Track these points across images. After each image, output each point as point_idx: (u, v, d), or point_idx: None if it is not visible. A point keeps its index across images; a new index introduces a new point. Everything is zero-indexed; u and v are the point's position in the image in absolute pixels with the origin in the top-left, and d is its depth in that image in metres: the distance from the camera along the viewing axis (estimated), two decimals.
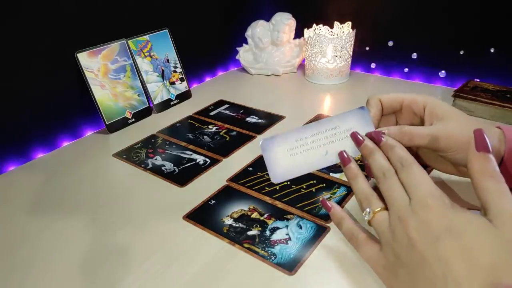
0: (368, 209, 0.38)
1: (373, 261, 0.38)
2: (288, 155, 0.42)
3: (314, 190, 0.56)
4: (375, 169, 0.39)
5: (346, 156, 0.41)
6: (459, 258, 0.29)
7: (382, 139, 0.40)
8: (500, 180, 0.32)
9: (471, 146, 0.34)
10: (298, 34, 1.01)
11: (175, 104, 0.86)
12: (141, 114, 0.81)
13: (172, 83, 0.87)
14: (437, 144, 0.41)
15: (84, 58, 0.72)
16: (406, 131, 0.41)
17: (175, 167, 0.63)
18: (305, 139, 0.42)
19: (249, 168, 0.62)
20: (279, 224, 0.50)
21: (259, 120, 0.78)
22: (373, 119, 0.43)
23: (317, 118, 0.77)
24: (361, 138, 0.41)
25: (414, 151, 0.47)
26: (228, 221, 0.51)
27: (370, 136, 0.41)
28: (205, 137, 0.73)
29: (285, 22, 0.97)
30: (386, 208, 0.37)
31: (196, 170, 0.62)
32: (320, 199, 0.48)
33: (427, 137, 0.41)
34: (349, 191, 0.55)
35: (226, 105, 0.85)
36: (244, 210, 0.53)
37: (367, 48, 0.99)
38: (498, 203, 0.31)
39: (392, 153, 0.38)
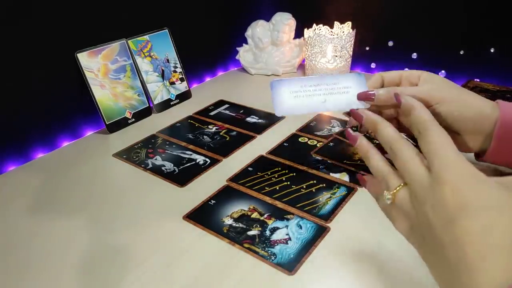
0: (385, 193, 0.33)
1: (407, 237, 0.34)
2: (292, 96, 0.48)
3: (314, 190, 0.56)
4: (382, 144, 0.36)
5: (352, 134, 0.39)
6: (475, 241, 0.26)
7: (373, 97, 0.43)
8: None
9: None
10: (298, 34, 1.01)
11: (175, 104, 0.86)
12: (141, 114, 0.81)
13: (172, 83, 0.87)
14: (421, 96, 0.43)
15: (84, 58, 0.72)
16: (392, 89, 0.43)
17: (175, 167, 0.63)
18: (309, 87, 0.48)
19: (249, 168, 0.62)
20: (279, 224, 0.50)
21: (259, 120, 0.78)
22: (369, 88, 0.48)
23: (317, 118, 0.77)
24: (360, 113, 0.40)
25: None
26: (228, 221, 0.51)
27: (361, 95, 0.45)
28: (205, 137, 0.73)
29: (285, 22, 0.97)
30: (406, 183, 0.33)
31: (196, 170, 0.62)
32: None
33: (412, 92, 0.43)
34: (349, 191, 0.55)
35: (226, 105, 0.85)
36: (244, 210, 0.53)
37: (367, 48, 0.99)
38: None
39: (411, 117, 0.35)
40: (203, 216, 0.52)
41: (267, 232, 0.49)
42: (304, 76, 0.49)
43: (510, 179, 0.28)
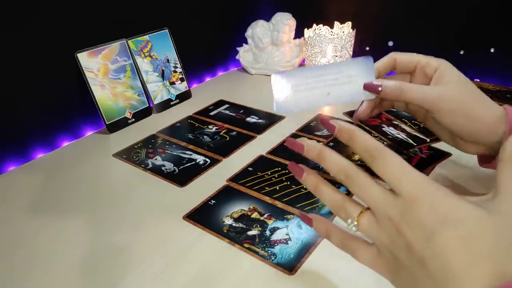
0: (349, 220, 0.33)
1: (373, 264, 0.34)
2: (294, 91, 0.44)
3: None
4: (334, 172, 0.33)
5: (298, 168, 0.36)
6: (458, 250, 0.26)
7: (379, 89, 0.41)
8: None
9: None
10: (298, 34, 1.01)
11: (175, 104, 0.86)
12: (141, 114, 0.81)
13: (172, 83, 0.87)
14: (426, 104, 0.41)
15: (84, 58, 0.72)
16: (400, 86, 0.41)
17: (175, 167, 0.63)
18: (311, 78, 0.44)
19: (249, 168, 0.62)
20: (279, 224, 0.50)
21: (259, 120, 0.78)
22: (376, 70, 0.44)
23: (317, 118, 0.77)
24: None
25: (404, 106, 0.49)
26: (228, 221, 0.51)
27: (367, 86, 0.42)
28: (205, 137, 0.73)
29: (285, 22, 0.97)
30: (367, 207, 0.32)
31: (196, 170, 0.62)
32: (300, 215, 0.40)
33: (419, 95, 0.41)
34: (349, 191, 0.55)
35: (226, 105, 0.85)
36: (244, 210, 0.53)
37: (367, 48, 0.99)
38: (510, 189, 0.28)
39: (353, 143, 0.32)
40: (203, 216, 0.52)
41: (267, 232, 0.49)
42: (308, 67, 0.45)
43: (476, 198, 0.29)
